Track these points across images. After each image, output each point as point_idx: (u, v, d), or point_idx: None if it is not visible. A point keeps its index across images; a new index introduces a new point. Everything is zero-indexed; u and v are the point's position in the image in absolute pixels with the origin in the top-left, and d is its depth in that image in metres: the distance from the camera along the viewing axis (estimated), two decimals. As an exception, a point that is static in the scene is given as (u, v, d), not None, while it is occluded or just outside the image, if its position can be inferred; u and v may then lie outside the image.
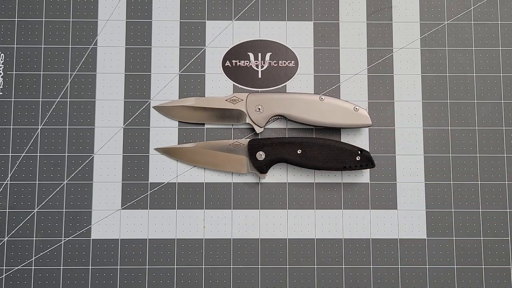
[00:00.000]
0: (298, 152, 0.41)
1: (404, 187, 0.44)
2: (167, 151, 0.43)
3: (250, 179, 0.43)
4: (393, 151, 0.44)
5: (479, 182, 0.44)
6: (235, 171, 0.43)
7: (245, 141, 0.42)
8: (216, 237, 0.43)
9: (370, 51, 0.45)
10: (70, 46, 0.45)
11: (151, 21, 0.45)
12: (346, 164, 0.41)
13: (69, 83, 0.44)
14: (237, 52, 0.45)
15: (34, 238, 0.42)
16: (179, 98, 0.44)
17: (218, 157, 0.42)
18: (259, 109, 0.42)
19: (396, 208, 0.43)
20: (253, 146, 0.42)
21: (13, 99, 0.44)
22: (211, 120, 0.43)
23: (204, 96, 0.44)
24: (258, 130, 0.43)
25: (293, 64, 0.45)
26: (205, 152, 0.42)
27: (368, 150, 0.44)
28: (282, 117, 0.43)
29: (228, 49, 0.45)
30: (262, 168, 0.42)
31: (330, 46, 0.45)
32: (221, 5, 0.45)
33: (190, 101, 0.43)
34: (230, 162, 0.42)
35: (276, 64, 0.45)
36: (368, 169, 0.44)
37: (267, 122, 0.43)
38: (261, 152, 0.41)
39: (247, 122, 0.43)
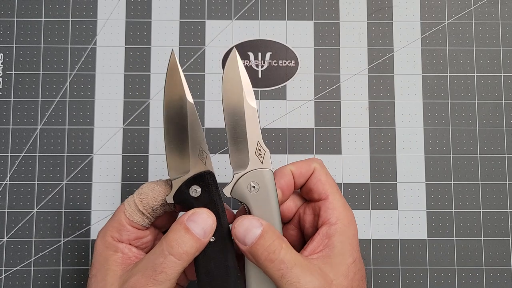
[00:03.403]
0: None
1: (404, 187, 0.43)
2: None
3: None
4: (393, 151, 0.44)
5: (479, 182, 0.44)
6: None
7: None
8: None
9: (370, 50, 0.45)
10: (69, 45, 0.44)
11: (151, 21, 0.45)
12: None
13: (68, 83, 0.44)
14: (237, 51, 0.45)
15: (34, 239, 0.42)
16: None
17: None
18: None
19: (396, 209, 0.43)
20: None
21: (12, 99, 0.44)
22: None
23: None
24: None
25: (293, 63, 0.45)
26: None
27: (368, 150, 0.44)
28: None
29: (228, 48, 0.45)
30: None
31: (330, 45, 0.45)
32: (221, 5, 0.45)
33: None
34: None
35: (276, 64, 0.45)
36: (368, 169, 0.43)
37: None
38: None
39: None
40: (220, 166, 0.43)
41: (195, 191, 0.31)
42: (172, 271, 0.29)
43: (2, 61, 0.44)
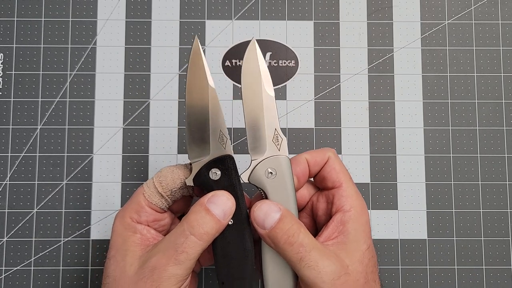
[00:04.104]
0: None
1: (404, 187, 0.43)
2: None
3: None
4: (393, 151, 0.44)
5: (479, 182, 0.43)
6: None
7: None
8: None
9: (370, 50, 0.45)
10: (69, 45, 0.44)
11: (151, 21, 0.45)
12: None
13: (68, 83, 0.44)
14: (237, 51, 0.45)
15: (34, 239, 0.42)
16: (178, 98, 0.44)
17: None
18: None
19: (396, 209, 0.43)
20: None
21: (12, 99, 0.44)
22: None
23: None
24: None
25: (293, 63, 0.45)
26: None
27: (368, 150, 0.44)
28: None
29: (228, 48, 0.45)
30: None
31: (330, 45, 0.45)
32: (221, 5, 0.45)
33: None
34: None
35: (276, 64, 0.45)
36: (369, 169, 0.43)
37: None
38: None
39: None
40: (220, 166, 0.43)
41: (215, 174, 0.32)
42: (193, 251, 0.30)
43: (2, 61, 0.44)
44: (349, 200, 0.33)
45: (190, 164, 0.32)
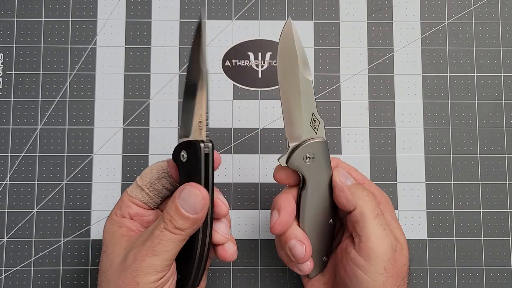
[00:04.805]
0: None
1: (404, 187, 0.43)
2: None
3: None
4: (393, 151, 0.44)
5: (479, 182, 0.43)
6: None
7: None
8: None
9: (370, 50, 0.45)
10: (69, 45, 0.44)
11: (151, 21, 0.45)
12: None
13: (68, 83, 0.44)
14: (237, 51, 0.45)
15: (34, 239, 0.42)
16: (178, 98, 0.44)
17: None
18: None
19: (396, 209, 0.43)
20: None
21: (12, 99, 0.44)
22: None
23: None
24: None
25: (293, 63, 0.45)
26: None
27: (368, 150, 0.44)
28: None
29: (228, 48, 0.45)
30: None
31: (330, 45, 0.45)
32: (221, 5, 0.45)
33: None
34: None
35: (276, 64, 0.45)
36: (369, 169, 0.44)
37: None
38: None
39: None
40: (220, 166, 0.43)
41: (183, 156, 0.32)
42: (168, 243, 0.30)
43: (2, 61, 0.44)
44: (377, 193, 0.35)
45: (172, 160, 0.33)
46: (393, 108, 0.44)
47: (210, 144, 0.31)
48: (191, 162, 0.31)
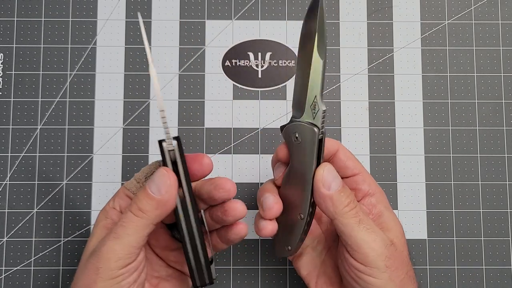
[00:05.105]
0: None
1: (404, 187, 0.43)
2: None
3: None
4: (393, 151, 0.44)
5: (479, 182, 0.43)
6: None
7: None
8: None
9: (370, 50, 0.45)
10: (69, 45, 0.44)
11: (151, 21, 0.45)
12: None
13: (68, 83, 0.44)
14: (237, 51, 0.45)
15: (34, 239, 0.42)
16: (178, 98, 0.44)
17: None
18: None
19: (396, 209, 0.43)
20: None
21: (12, 99, 0.44)
22: None
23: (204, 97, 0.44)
24: None
25: (293, 63, 0.45)
26: None
27: (368, 150, 0.44)
28: None
29: (228, 48, 0.45)
30: None
31: (330, 45, 0.45)
32: (221, 5, 0.45)
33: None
34: None
35: (276, 64, 0.45)
36: (369, 169, 0.43)
37: None
38: None
39: None
40: (220, 166, 0.43)
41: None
42: (130, 225, 0.30)
43: (2, 61, 0.44)
44: (371, 185, 0.35)
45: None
46: (393, 108, 0.44)
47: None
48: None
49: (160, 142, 0.31)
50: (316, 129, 0.32)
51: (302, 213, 0.33)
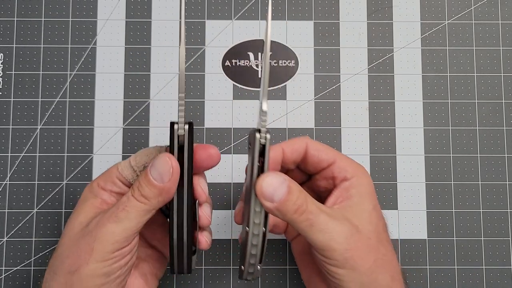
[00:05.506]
0: None
1: (404, 187, 0.43)
2: None
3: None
4: (393, 151, 0.44)
5: (479, 182, 0.43)
6: None
7: None
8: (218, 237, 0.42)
9: (370, 50, 0.45)
10: (69, 45, 0.44)
11: (151, 21, 0.45)
12: None
13: (68, 83, 0.44)
14: (237, 51, 0.45)
15: (34, 239, 0.42)
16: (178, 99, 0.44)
17: None
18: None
19: (396, 209, 0.43)
20: None
21: (12, 99, 0.44)
22: None
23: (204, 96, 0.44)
24: None
25: (293, 63, 0.45)
26: None
27: (368, 150, 0.44)
28: None
29: (228, 48, 0.45)
30: None
31: (330, 45, 0.45)
32: (221, 5, 0.45)
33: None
34: None
35: (276, 64, 0.45)
36: (368, 169, 0.43)
37: None
38: None
39: None
40: (220, 166, 0.43)
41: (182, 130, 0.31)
42: (133, 210, 0.30)
43: (2, 61, 0.44)
44: (348, 169, 0.33)
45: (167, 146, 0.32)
46: (393, 108, 0.44)
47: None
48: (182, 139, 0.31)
49: (172, 124, 0.30)
50: (257, 134, 0.30)
51: (248, 226, 0.31)
